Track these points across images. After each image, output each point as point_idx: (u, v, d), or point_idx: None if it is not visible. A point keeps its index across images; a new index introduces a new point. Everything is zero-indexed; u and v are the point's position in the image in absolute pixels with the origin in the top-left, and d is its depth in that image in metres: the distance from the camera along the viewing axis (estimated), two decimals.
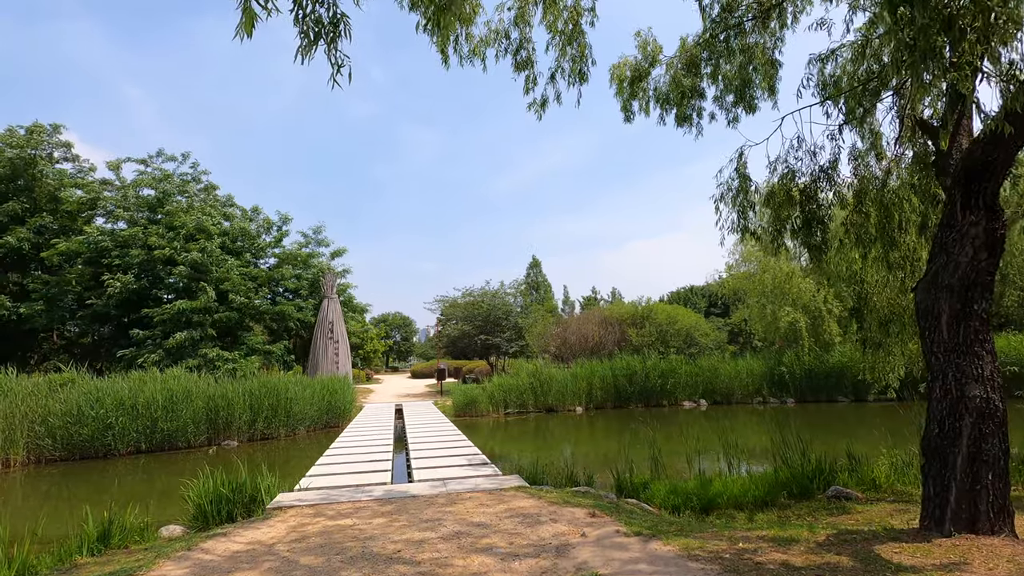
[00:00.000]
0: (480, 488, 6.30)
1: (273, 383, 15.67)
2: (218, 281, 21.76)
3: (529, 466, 8.33)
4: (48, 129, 23.32)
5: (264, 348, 22.36)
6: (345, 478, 7.30)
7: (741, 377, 20.93)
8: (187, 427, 13.72)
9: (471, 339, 27.14)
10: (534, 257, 59.94)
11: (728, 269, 27.58)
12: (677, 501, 6.19)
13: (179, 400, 13.74)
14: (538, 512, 5.24)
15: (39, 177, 22.90)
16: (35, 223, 22.26)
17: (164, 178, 23.84)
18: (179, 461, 12.78)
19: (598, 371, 20.54)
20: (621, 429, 16.25)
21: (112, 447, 12.82)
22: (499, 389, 19.49)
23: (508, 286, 28.85)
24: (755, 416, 18.00)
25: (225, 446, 14.30)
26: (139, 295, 21.78)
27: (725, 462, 7.81)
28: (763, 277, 23.07)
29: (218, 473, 6.13)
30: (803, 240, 5.58)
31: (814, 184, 5.48)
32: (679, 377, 20.79)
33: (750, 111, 6.42)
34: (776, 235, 5.71)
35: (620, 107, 7.89)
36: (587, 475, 7.28)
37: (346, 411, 18.00)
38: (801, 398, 20.72)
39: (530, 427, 17.11)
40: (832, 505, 6.04)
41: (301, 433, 16.15)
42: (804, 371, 20.62)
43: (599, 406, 20.64)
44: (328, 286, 25.26)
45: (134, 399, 13.12)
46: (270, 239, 26.33)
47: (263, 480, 6.18)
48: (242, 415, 14.72)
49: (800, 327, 20.97)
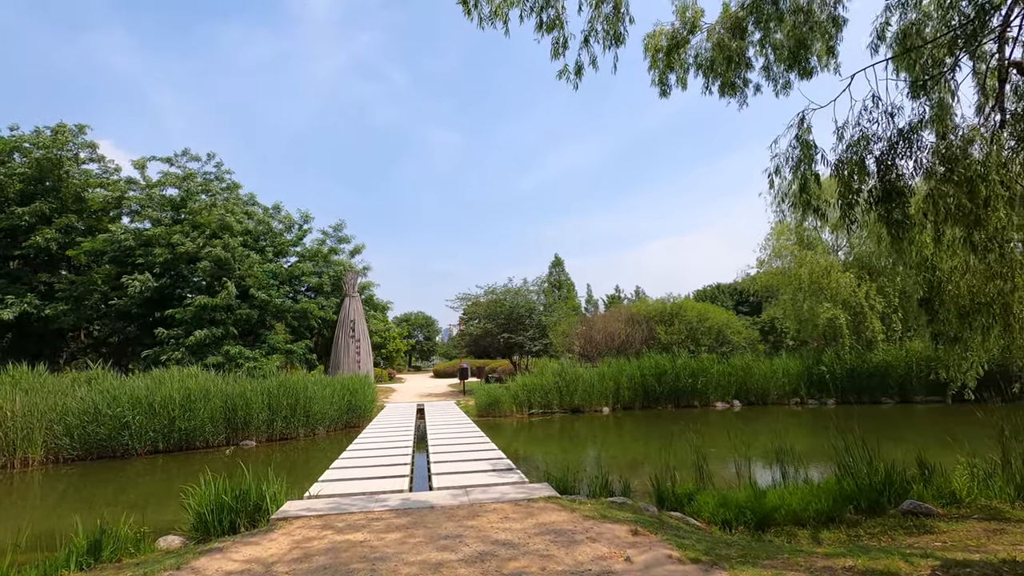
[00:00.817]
0: (506, 498, 5.68)
1: (292, 382, 15.32)
2: (240, 277, 21.62)
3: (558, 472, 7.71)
4: (73, 130, 23.49)
5: (285, 347, 22.15)
6: (360, 484, 6.76)
7: (777, 377, 19.91)
8: (204, 426, 13.42)
9: (494, 337, 26.56)
10: (556, 256, 59.07)
11: (759, 264, 26.49)
12: (728, 515, 5.48)
13: (196, 399, 13.44)
14: (572, 528, 4.60)
15: (65, 178, 23.09)
16: (62, 223, 22.43)
17: (187, 177, 23.85)
18: (196, 461, 12.47)
19: (626, 370, 19.75)
20: (651, 431, 15.48)
21: (129, 446, 12.57)
22: (523, 389, 18.87)
23: (531, 283, 28.21)
24: (794, 418, 17.02)
25: (243, 446, 13.97)
26: (162, 294, 21.77)
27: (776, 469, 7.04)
28: (799, 272, 21.98)
29: (220, 479, 5.63)
30: (881, 215, 4.81)
31: (891, 151, 4.71)
32: (711, 377, 19.87)
33: (805, 76, 5.66)
34: (846, 209, 4.95)
35: (655, 80, 7.20)
36: (623, 483, 6.60)
37: (367, 411, 17.59)
38: (842, 399, 19.61)
39: (555, 428, 16.44)
40: (909, 522, 5.26)
41: (321, 433, 15.77)
42: (845, 371, 19.50)
43: (627, 407, 19.85)
44: (350, 284, 24.98)
45: (151, 398, 12.86)
46: (291, 237, 26.17)
47: (269, 487, 5.67)
48: (260, 415, 14.38)
49: (840, 324, 19.87)
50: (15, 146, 22.65)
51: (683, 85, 7.04)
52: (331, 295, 26.18)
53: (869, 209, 4.90)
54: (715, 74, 6.65)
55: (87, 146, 24.63)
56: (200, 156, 24.78)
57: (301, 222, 26.38)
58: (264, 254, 24.38)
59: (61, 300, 22.10)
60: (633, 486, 7.50)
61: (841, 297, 20.42)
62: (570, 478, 6.73)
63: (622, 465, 10.47)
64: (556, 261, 59.47)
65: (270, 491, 5.64)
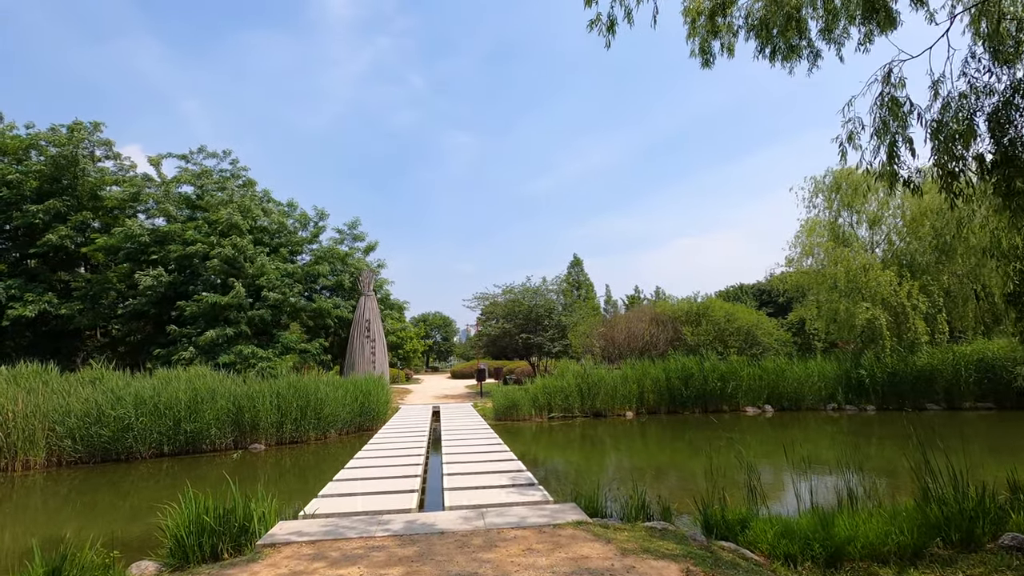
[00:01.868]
0: (527, 523, 4.90)
1: (303, 383, 14.74)
2: (252, 277, 21.21)
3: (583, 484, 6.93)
4: (88, 127, 23.35)
5: (299, 346, 21.64)
6: (363, 501, 6.04)
7: (812, 380, 18.78)
8: (211, 429, 12.88)
9: (512, 338, 25.77)
10: (575, 256, 57.96)
11: (788, 262, 25.30)
12: (791, 547, 4.62)
13: (203, 400, 12.92)
14: (610, 565, 3.81)
15: (81, 175, 22.94)
16: (77, 220, 22.26)
17: (203, 173, 23.55)
18: (202, 465, 11.95)
19: (650, 372, 18.82)
20: (679, 437, 14.56)
21: (133, 449, 12.08)
22: (542, 391, 18.06)
23: (550, 282, 27.36)
24: (832, 425, 15.93)
25: (252, 450, 13.42)
26: (176, 291, 21.46)
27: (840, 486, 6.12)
28: (834, 270, 20.81)
29: (203, 496, 4.94)
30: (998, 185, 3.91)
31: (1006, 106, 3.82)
32: (741, 380, 18.83)
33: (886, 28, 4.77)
34: (948, 179, 4.04)
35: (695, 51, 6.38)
36: (661, 504, 5.77)
37: (380, 413, 16.96)
38: (883, 405, 18.41)
39: (577, 433, 15.60)
40: (1016, 560, 4.35)
41: (332, 436, 15.17)
42: (886, 374, 18.29)
43: (651, 411, 18.92)
44: (365, 283, 24.44)
45: (156, 399, 12.37)
46: (306, 234, 25.74)
47: (258, 505, 4.97)
48: (269, 417, 13.81)
49: (880, 325, 18.66)
50: (31, 144, 22.58)
51: (730, 52, 6.20)
52: (347, 294, 25.68)
53: (986, 176, 3.99)
54: (768, 36, 5.79)
55: (103, 143, 24.49)
56: (217, 152, 24.51)
57: (316, 219, 25.95)
58: (279, 253, 23.98)
59: (77, 299, 21.93)
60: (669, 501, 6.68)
61: (881, 296, 19.21)
62: (600, 496, 5.91)
63: (653, 476, 9.62)
64: (575, 261, 58.47)
65: (259, 510, 4.94)
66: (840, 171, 23.33)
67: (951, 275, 19.74)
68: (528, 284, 27.11)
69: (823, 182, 23.85)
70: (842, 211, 23.31)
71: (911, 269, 20.19)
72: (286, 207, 25.97)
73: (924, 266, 19.77)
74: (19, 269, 23.12)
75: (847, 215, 23.57)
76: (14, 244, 23.39)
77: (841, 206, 23.05)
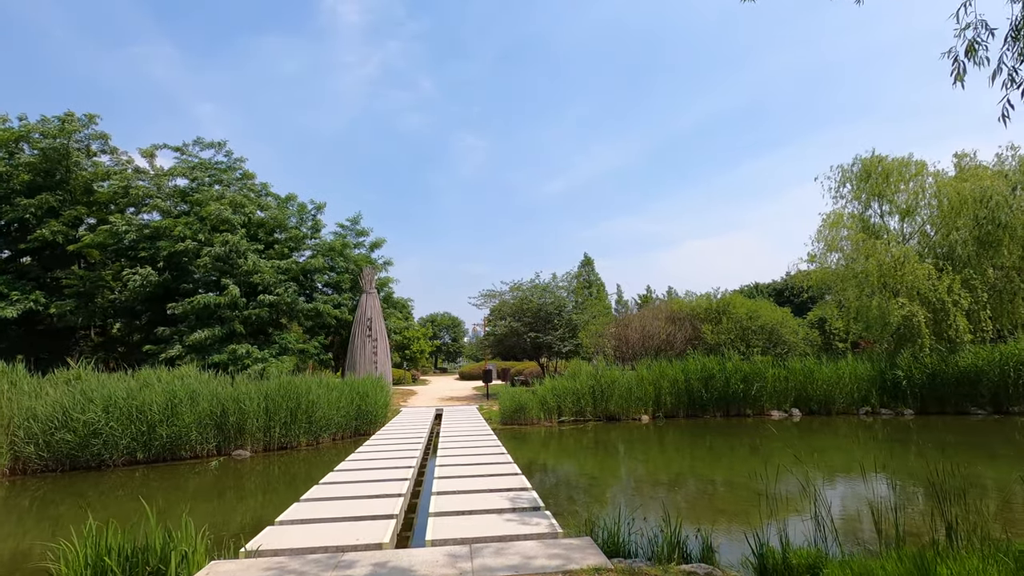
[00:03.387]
0: (532, 567, 3.74)
1: (293, 384, 13.68)
2: (246, 274, 20.24)
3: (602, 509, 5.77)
4: (82, 120, 22.54)
5: (297, 346, 20.61)
6: (327, 530, 4.90)
7: (843, 382, 17.39)
8: (190, 434, 11.84)
9: (520, 337, 24.56)
10: (586, 255, 56.67)
11: (811, 259, 23.88)
12: None
13: (183, 402, 11.89)
14: None
15: (74, 169, 22.14)
16: (70, 216, 21.45)
17: (197, 166, 22.66)
18: (181, 474, 10.91)
19: (668, 373, 17.55)
20: (699, 443, 13.29)
21: (103, 456, 11.07)
22: (552, 393, 16.87)
23: (560, 279, 26.13)
24: (868, 431, 14.56)
25: (236, 457, 12.37)
26: (167, 289, 20.57)
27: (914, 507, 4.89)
28: (865, 264, 19.39)
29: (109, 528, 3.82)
30: None
31: None
32: (765, 381, 17.51)
33: None
34: None
35: None
36: (702, 538, 4.55)
37: (378, 416, 15.87)
38: (922, 408, 16.99)
39: (589, 439, 14.39)
40: None
41: (325, 441, 14.09)
42: (925, 375, 16.87)
43: (669, 414, 17.66)
44: (367, 280, 23.41)
45: (129, 401, 11.35)
46: (306, 230, 24.75)
47: (178, 542, 3.83)
48: (256, 421, 12.76)
49: (918, 322, 17.24)
50: (22, 136, 21.80)
51: None
52: (348, 292, 24.67)
53: None
54: None
55: (98, 136, 23.68)
56: (213, 143, 23.59)
57: (314, 211, 24.94)
58: (275, 249, 23.01)
59: (69, 296, 21.10)
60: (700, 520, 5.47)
61: (917, 291, 17.79)
62: (621, 527, 4.72)
63: (678, 489, 8.39)
64: (586, 260, 57.21)
65: (181, 548, 3.81)
66: (870, 158, 21.94)
67: (996, 268, 18.26)
68: (537, 281, 25.92)
69: (851, 170, 22.43)
70: (872, 201, 21.88)
71: (951, 262, 18.74)
72: (285, 201, 25.01)
73: (965, 259, 18.30)
74: (11, 266, 22.37)
75: (876, 205, 22.13)
76: (5, 240, 22.64)
77: (871, 195, 21.61)
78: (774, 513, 6.30)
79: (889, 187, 21.00)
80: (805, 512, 6.45)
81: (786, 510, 6.63)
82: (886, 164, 21.43)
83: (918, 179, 21.07)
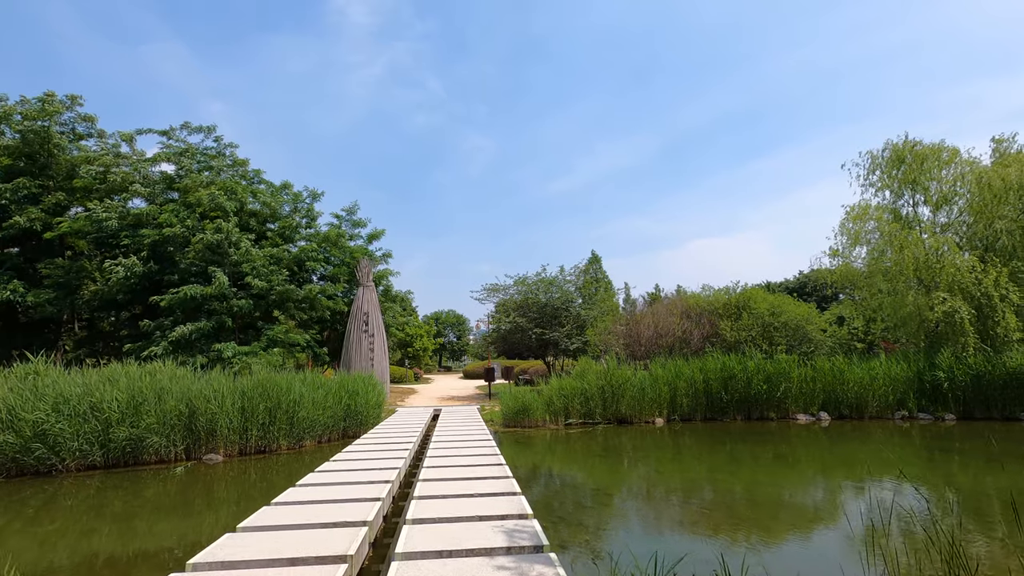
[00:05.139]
0: None
1: (273, 381, 12.42)
2: (236, 263, 19.02)
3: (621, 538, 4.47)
4: (64, 101, 21.42)
5: (287, 338, 19.32)
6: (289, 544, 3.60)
7: (877, 384, 15.95)
8: (153, 436, 10.59)
9: (524, 333, 23.20)
10: (593, 252, 55.07)
11: (833, 253, 22.38)
12: None
13: (146, 400, 10.66)
14: None
15: (56, 153, 21.03)
16: (50, 202, 20.33)
17: (184, 151, 21.47)
18: (141, 480, 9.68)
19: (685, 373, 16.17)
20: (720, 449, 11.89)
21: (52, 461, 9.84)
22: (558, 394, 15.53)
23: (568, 272, 24.75)
24: (906, 437, 13.11)
25: (206, 461, 11.13)
26: (152, 280, 19.39)
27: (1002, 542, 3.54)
28: (899, 256, 17.89)
29: None
30: None
31: None
32: (791, 383, 16.11)
33: None
34: None
35: None
36: None
37: (370, 417, 14.62)
38: (965, 413, 15.52)
39: (599, 444, 13.03)
40: None
41: (309, 444, 12.84)
42: (969, 377, 15.39)
43: (685, 417, 16.29)
44: (364, 273, 22.16)
45: (82, 398, 10.12)
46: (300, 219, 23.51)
47: None
48: (230, 421, 11.51)
49: (961, 318, 15.75)
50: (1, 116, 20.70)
51: None
52: (345, 285, 23.43)
53: None
54: None
55: (84, 119, 22.58)
56: (202, 128, 22.39)
57: (309, 199, 23.67)
58: (267, 240, 21.79)
59: (49, 287, 19.99)
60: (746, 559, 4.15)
61: (959, 285, 16.28)
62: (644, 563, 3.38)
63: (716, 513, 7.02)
64: (593, 258, 55.65)
65: None
66: (902, 144, 20.42)
67: None
68: (544, 274, 24.53)
69: (881, 156, 20.92)
70: (903, 189, 20.34)
71: (993, 253, 17.22)
72: (280, 190, 23.78)
73: (1011, 249, 16.78)
74: None
75: (909, 194, 20.60)
76: None
77: (903, 183, 20.08)
78: (843, 554, 4.98)
79: (924, 174, 19.47)
80: (860, 543, 5.10)
81: (847, 553, 5.31)
82: (920, 150, 19.89)
83: (951, 166, 19.56)
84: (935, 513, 6.79)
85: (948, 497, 7.59)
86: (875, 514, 6.67)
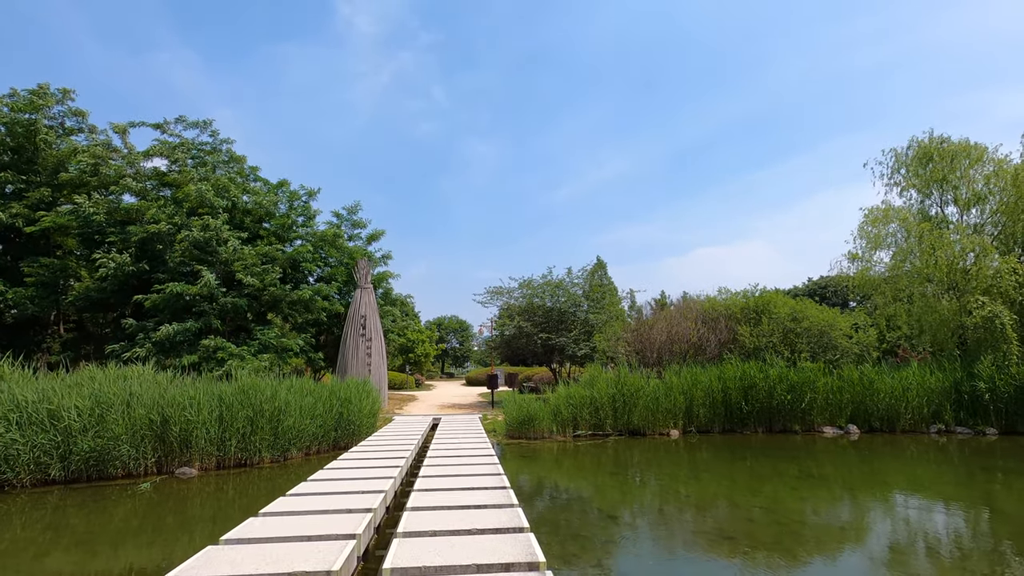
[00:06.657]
0: None
1: (256, 387, 11.40)
2: (226, 262, 18.08)
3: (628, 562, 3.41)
4: (56, 94, 20.63)
5: (279, 344, 18.35)
6: None
7: (910, 395, 14.81)
8: (119, 447, 9.58)
9: (529, 339, 22.15)
10: (599, 258, 54.17)
11: (852, 257, 21.30)
12: None
13: (113, 407, 9.66)
14: None
15: (43, 147, 20.21)
16: (34, 198, 19.48)
17: (178, 146, 20.61)
18: (105, 496, 8.66)
19: (702, 381, 15.09)
20: (740, 464, 10.75)
21: (6, 476, 8.84)
22: (566, 403, 14.47)
23: (576, 275, 23.70)
24: (943, 452, 11.94)
25: (180, 475, 10.10)
26: (140, 279, 18.46)
27: None
28: (930, 258, 16.80)
29: None
30: None
31: None
32: (816, 393, 15.00)
33: None
34: None
35: None
36: None
37: (364, 426, 13.59)
38: (1009, 427, 14.35)
39: (610, 458, 11.93)
40: None
41: (296, 457, 11.80)
42: (1012, 388, 14.24)
43: (702, 429, 15.20)
44: (362, 274, 21.20)
45: (38, 405, 9.13)
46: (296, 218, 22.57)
47: None
48: (207, 431, 10.49)
49: (1002, 324, 14.62)
50: None
51: None
52: (342, 285, 22.45)
53: None
54: None
55: (75, 113, 21.79)
56: (198, 122, 21.55)
57: (306, 197, 22.73)
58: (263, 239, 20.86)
59: (31, 286, 19.10)
60: None
61: (998, 289, 15.16)
62: None
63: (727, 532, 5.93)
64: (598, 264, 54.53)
65: None
66: (928, 141, 19.39)
67: None
68: (550, 277, 23.50)
69: (906, 154, 19.88)
70: (931, 188, 19.26)
71: None
72: (276, 187, 22.88)
73: None
74: None
75: (937, 194, 19.51)
76: None
77: (931, 181, 19.01)
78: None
79: (954, 172, 18.40)
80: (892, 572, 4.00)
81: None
82: (948, 147, 18.85)
83: (981, 164, 18.48)
84: (977, 539, 5.73)
85: (990, 521, 6.49)
86: (909, 539, 5.62)
